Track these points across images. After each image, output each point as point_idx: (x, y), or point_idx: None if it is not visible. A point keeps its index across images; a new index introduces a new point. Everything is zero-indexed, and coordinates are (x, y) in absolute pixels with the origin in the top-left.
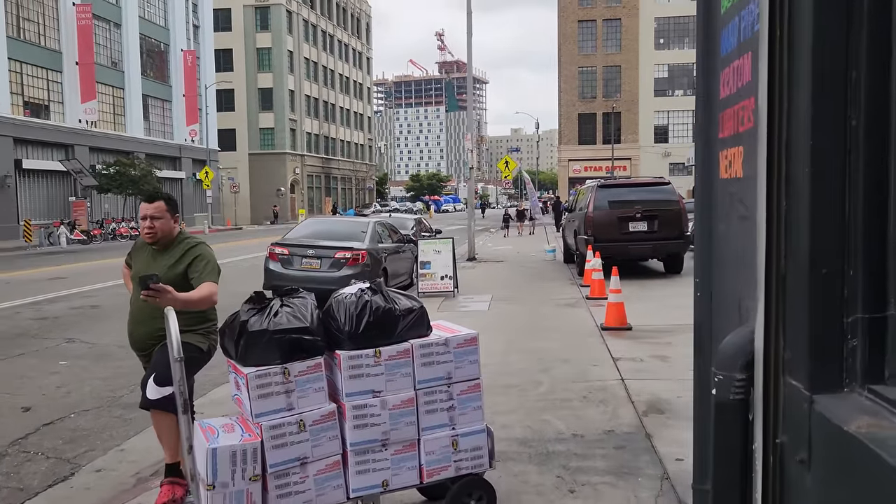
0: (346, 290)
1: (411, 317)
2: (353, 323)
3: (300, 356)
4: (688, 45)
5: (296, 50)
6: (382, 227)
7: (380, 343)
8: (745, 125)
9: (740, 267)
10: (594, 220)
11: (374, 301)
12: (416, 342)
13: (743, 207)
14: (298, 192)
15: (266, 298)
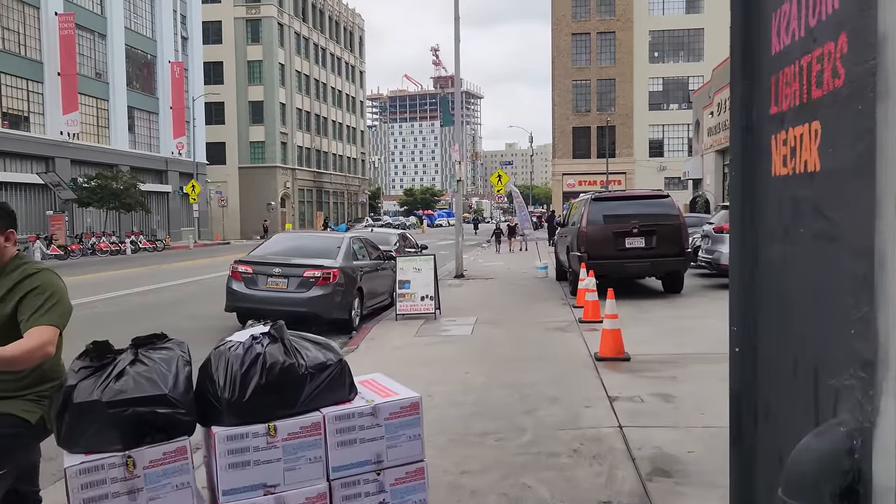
0: (234, 338)
1: (325, 375)
2: (235, 386)
3: (154, 438)
4: (682, 58)
5: (287, 63)
6: (359, 244)
7: (276, 414)
8: (826, 86)
9: (817, 314)
10: (588, 235)
11: (270, 354)
12: (330, 412)
13: (823, 220)
14: (289, 207)
15: (111, 350)
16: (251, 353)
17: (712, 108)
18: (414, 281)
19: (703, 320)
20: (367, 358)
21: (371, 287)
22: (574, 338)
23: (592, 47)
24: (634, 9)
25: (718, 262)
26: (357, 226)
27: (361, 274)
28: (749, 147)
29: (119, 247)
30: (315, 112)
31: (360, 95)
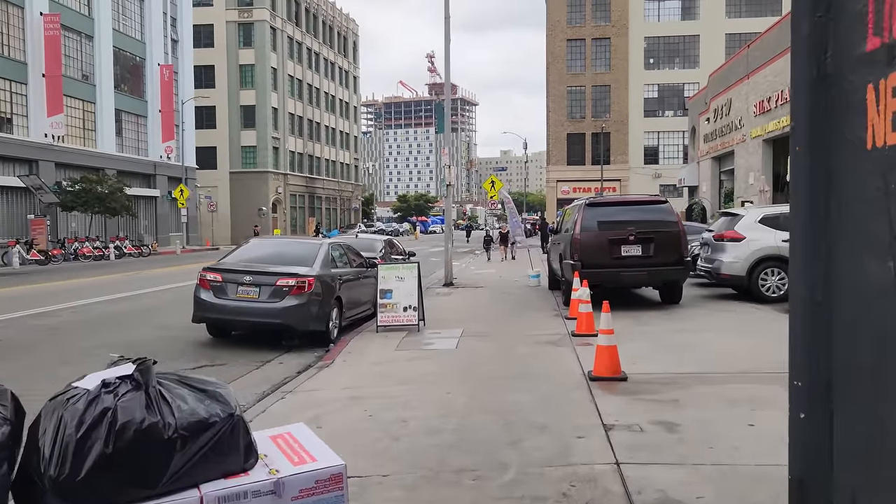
0: (83, 383)
1: (207, 438)
2: (66, 458)
3: None
4: (678, 65)
5: (280, 67)
6: (339, 250)
7: (128, 499)
8: None
9: None
10: (581, 242)
11: (123, 408)
12: (213, 490)
13: None
14: (281, 212)
15: None
16: (96, 407)
17: (709, 115)
18: (396, 290)
19: (703, 334)
20: (341, 374)
21: (352, 296)
22: (566, 353)
23: (587, 53)
24: (630, 15)
25: (718, 271)
26: (349, 232)
27: (341, 282)
28: (824, 108)
29: (103, 252)
30: (308, 117)
31: (353, 101)
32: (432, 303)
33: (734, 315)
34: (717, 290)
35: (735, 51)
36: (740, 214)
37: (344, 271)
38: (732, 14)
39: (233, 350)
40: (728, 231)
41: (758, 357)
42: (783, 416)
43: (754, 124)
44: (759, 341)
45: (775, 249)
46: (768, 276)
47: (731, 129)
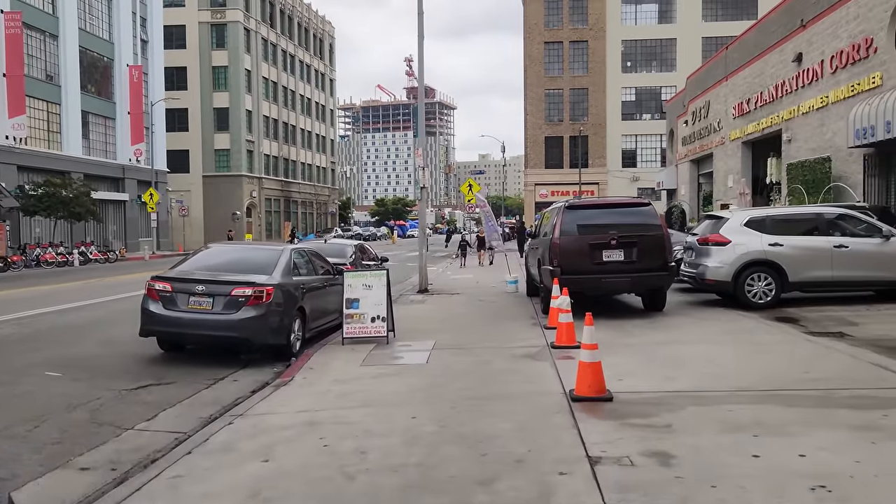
0: None
1: None
2: None
3: None
4: (655, 68)
5: (254, 69)
6: (303, 257)
7: None
8: None
9: None
10: (561, 247)
11: None
12: None
13: None
14: (256, 216)
15: None
16: None
17: (687, 117)
18: (364, 300)
19: (692, 346)
20: (299, 395)
21: (317, 306)
22: (546, 369)
23: (565, 56)
24: (607, 18)
25: (703, 276)
26: (326, 236)
27: (304, 291)
28: None
29: (66, 258)
30: (283, 120)
31: (330, 104)
32: (404, 311)
33: (722, 324)
34: (701, 296)
35: (711, 54)
36: (725, 217)
37: (308, 279)
38: (709, 17)
39: (184, 366)
40: (713, 235)
41: (752, 371)
42: (790, 443)
43: (733, 126)
44: (751, 353)
45: (762, 254)
46: (755, 281)
47: (709, 131)
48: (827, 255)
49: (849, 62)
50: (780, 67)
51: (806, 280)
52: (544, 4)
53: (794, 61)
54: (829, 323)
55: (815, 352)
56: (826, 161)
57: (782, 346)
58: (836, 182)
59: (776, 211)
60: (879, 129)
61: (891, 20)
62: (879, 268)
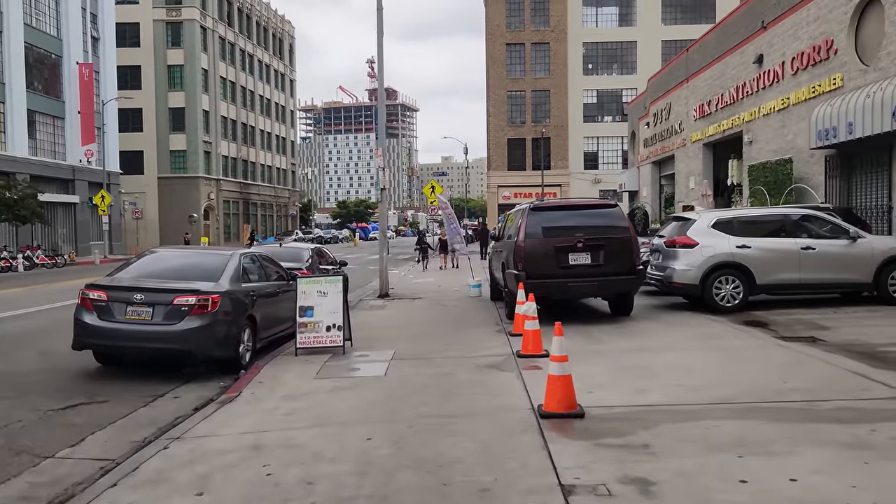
0: None
1: None
2: None
3: None
4: (616, 70)
5: (211, 68)
6: (254, 262)
7: None
8: None
9: None
10: (526, 250)
11: None
12: None
13: None
14: (214, 219)
15: None
16: None
17: (648, 119)
18: (318, 307)
19: (663, 354)
20: (246, 413)
21: (269, 314)
22: (512, 380)
23: (527, 58)
24: (568, 20)
25: (670, 279)
26: (286, 239)
27: (254, 299)
28: None
29: (10, 263)
30: (242, 120)
31: (290, 105)
32: (363, 318)
33: (691, 329)
34: (667, 300)
35: (671, 57)
36: (692, 219)
37: (259, 286)
38: (668, 21)
39: (121, 381)
40: (680, 237)
41: (729, 381)
42: (778, 465)
43: (694, 128)
44: (725, 361)
45: (729, 256)
46: (722, 284)
47: (671, 133)
48: (794, 257)
49: (809, 63)
50: (741, 69)
51: (773, 283)
52: (506, 6)
53: (755, 63)
54: (799, 327)
55: (790, 358)
56: (788, 162)
57: (755, 353)
58: (798, 183)
59: (743, 212)
60: (841, 130)
61: (851, 21)
62: (846, 270)
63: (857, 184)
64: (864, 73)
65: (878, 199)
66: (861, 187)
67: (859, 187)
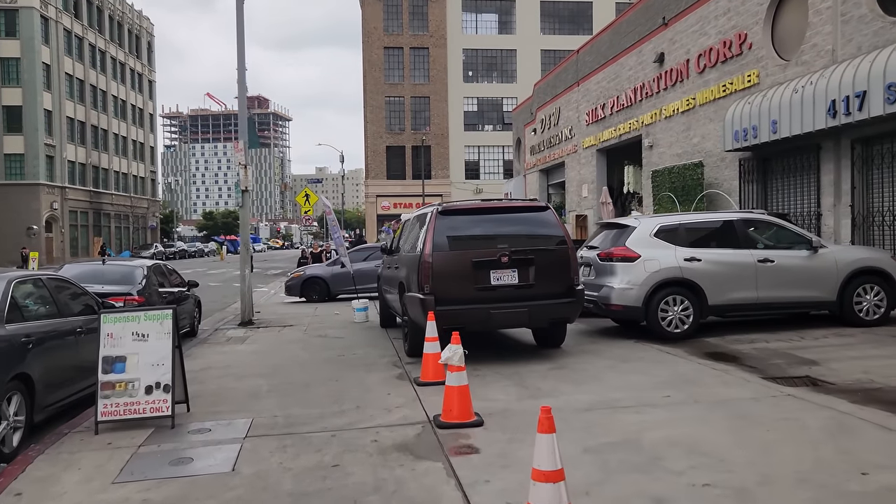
0: None
1: None
2: None
3: None
4: (496, 78)
5: (54, 64)
6: (38, 288)
7: None
8: None
9: None
10: (434, 267)
11: None
12: None
13: None
14: (58, 231)
15: None
16: None
17: (535, 125)
18: (134, 358)
19: (641, 416)
20: None
21: (59, 366)
22: (439, 481)
23: (406, 63)
24: (448, 25)
25: (607, 300)
26: (143, 253)
27: (30, 346)
28: None
29: None
30: (92, 122)
31: (149, 108)
32: (214, 360)
33: (652, 368)
34: (594, 322)
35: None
36: (630, 225)
37: (41, 325)
38: (547, 30)
39: None
40: (617, 248)
41: (777, 474)
42: None
43: (586, 133)
44: (736, 427)
45: (677, 271)
46: (669, 305)
47: (560, 139)
48: (751, 272)
49: (719, 60)
50: (638, 69)
51: (727, 303)
52: (383, 8)
53: (655, 62)
54: (780, 361)
55: (822, 421)
56: (698, 167)
57: (765, 410)
58: (710, 189)
59: (690, 217)
60: (763, 129)
61: (767, 13)
62: (808, 286)
63: (776, 188)
64: (783, 69)
65: (802, 205)
66: (780, 192)
67: (778, 192)
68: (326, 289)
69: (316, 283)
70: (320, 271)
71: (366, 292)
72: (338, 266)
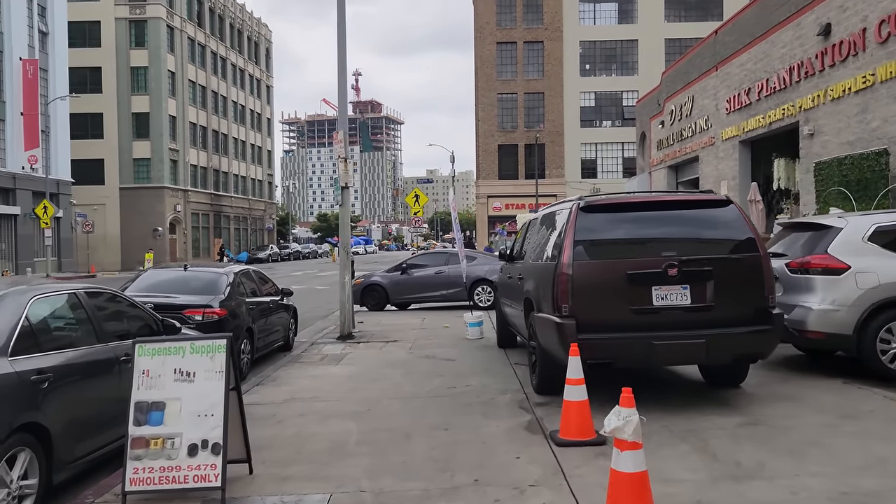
0: None
1: None
2: None
3: None
4: (616, 71)
5: (179, 71)
6: (63, 303)
7: None
8: None
9: None
10: (575, 282)
11: None
12: None
13: None
14: (181, 233)
15: None
16: None
17: (663, 118)
18: (177, 405)
19: None
20: None
21: (94, 408)
22: None
23: (519, 58)
24: (564, 17)
25: (803, 325)
26: (259, 254)
27: (49, 384)
28: None
29: None
30: (213, 127)
31: (267, 112)
32: (301, 384)
33: (886, 427)
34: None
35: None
36: (832, 226)
37: (68, 357)
38: (672, 18)
39: None
40: (816, 256)
41: None
42: None
43: (726, 123)
44: None
45: None
46: (892, 334)
47: (693, 131)
48: None
49: None
50: (794, 46)
51: None
52: (496, 2)
53: (819, 34)
54: None
55: None
56: (880, 156)
57: None
58: None
59: None
60: None
61: None
62: None
63: None
64: None
65: None
66: None
67: None
68: (385, 296)
69: (374, 290)
70: (380, 278)
71: (427, 301)
72: (397, 272)
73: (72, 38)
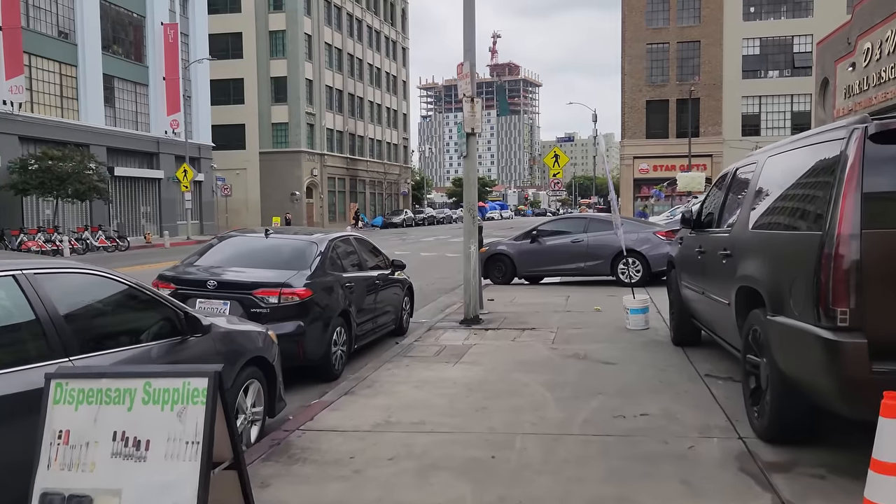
0: None
1: None
2: None
3: None
4: (785, 13)
5: (315, 34)
6: None
7: None
8: None
9: None
10: (867, 267)
11: None
12: None
13: None
14: (317, 197)
15: None
16: None
17: (854, 59)
18: (114, 501)
19: None
20: None
21: None
22: None
23: (672, 3)
24: None
25: None
26: (394, 219)
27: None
28: None
29: (57, 246)
30: (349, 91)
31: (402, 75)
32: (403, 395)
33: None
34: None
35: None
36: None
37: None
38: None
39: None
40: None
41: None
42: None
43: None
44: None
45: None
46: None
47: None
48: None
49: None
50: None
51: None
52: None
53: None
54: None
55: None
56: None
57: None
58: None
59: None
60: None
61: None
62: None
63: None
64: None
65: None
66: None
67: None
68: (513, 268)
69: (500, 261)
70: (506, 247)
71: (562, 274)
72: (527, 240)
73: (212, 4)
